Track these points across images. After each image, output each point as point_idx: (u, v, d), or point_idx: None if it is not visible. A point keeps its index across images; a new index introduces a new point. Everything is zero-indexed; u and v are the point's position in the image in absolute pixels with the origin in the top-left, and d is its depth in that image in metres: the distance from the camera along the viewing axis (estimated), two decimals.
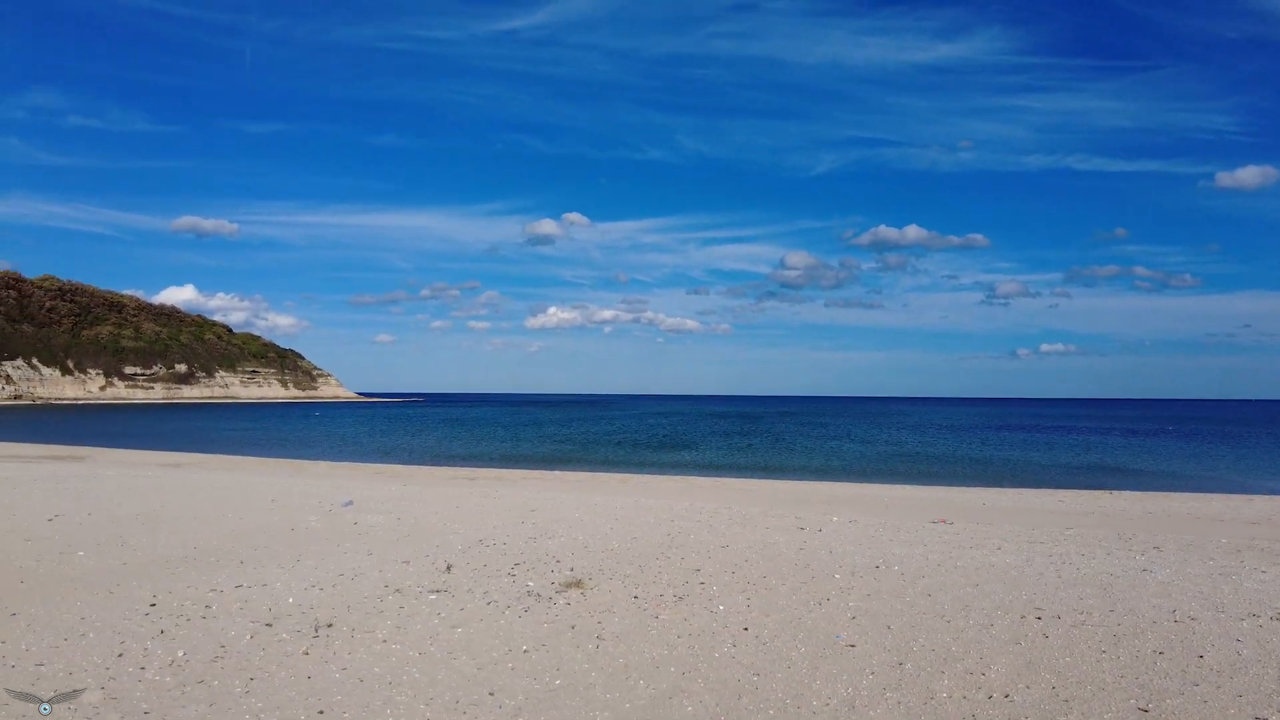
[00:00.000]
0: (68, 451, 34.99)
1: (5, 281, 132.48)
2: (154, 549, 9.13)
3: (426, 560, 8.63)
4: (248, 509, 12.56)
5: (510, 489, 18.12)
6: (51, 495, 14.02)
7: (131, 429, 62.32)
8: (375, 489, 16.72)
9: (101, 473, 19.85)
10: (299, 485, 17.13)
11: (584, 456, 38.92)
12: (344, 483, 19.05)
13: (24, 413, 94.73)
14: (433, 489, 16.96)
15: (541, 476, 26.42)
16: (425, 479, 23.81)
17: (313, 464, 31.96)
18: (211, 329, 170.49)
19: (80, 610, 6.47)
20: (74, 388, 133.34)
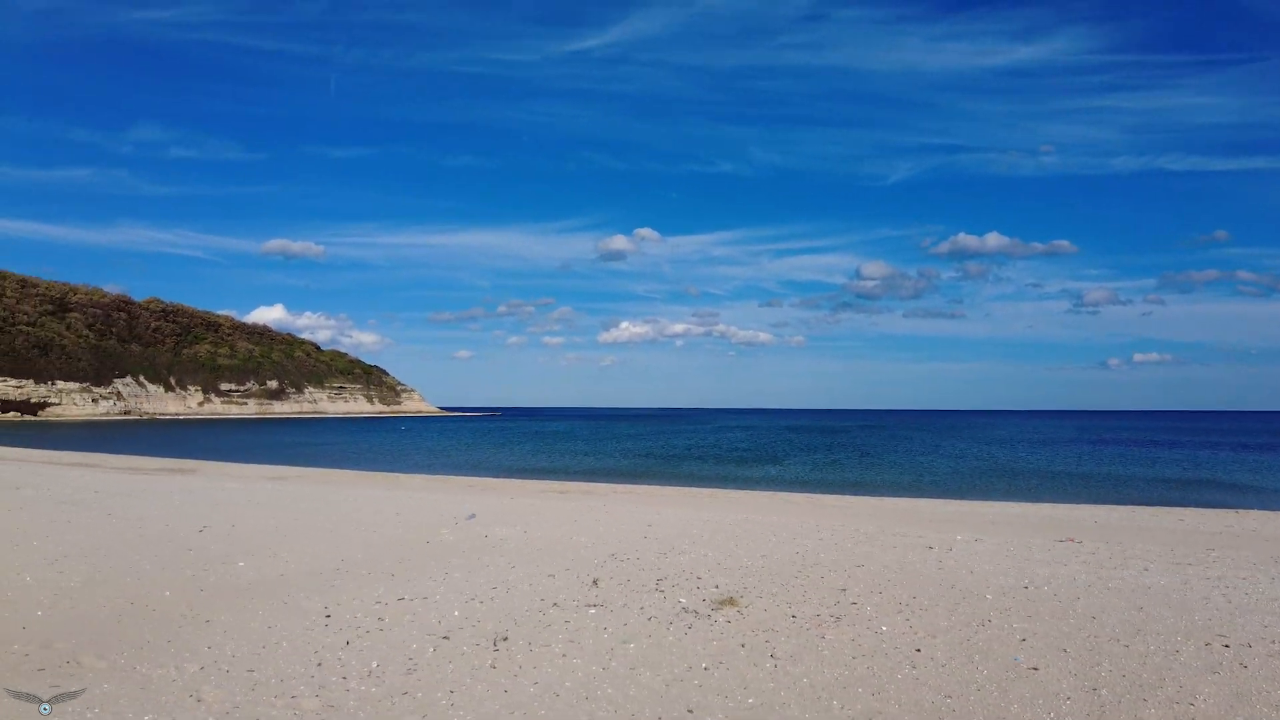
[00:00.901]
0: (179, 464, 36.68)
1: (117, 304, 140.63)
2: (304, 560, 9.51)
3: (569, 574, 8.75)
4: (377, 522, 12.98)
5: (618, 503, 18.23)
6: (189, 506, 14.76)
7: (231, 443, 65.03)
8: (487, 502, 17.05)
9: (224, 485, 20.78)
10: (417, 499, 17.60)
11: (670, 470, 38.89)
12: (449, 496, 19.49)
13: (133, 427, 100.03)
14: (546, 503, 17.20)
15: (632, 490, 26.50)
16: (518, 491, 24.15)
17: (409, 477, 32.74)
18: (301, 347, 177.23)
19: (264, 619, 6.79)
20: (175, 403, 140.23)
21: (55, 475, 22.06)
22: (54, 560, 9.19)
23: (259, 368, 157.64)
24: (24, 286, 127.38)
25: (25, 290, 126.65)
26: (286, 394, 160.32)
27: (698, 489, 28.52)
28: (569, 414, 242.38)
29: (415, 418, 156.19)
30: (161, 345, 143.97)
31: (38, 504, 14.63)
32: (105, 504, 14.94)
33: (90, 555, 9.55)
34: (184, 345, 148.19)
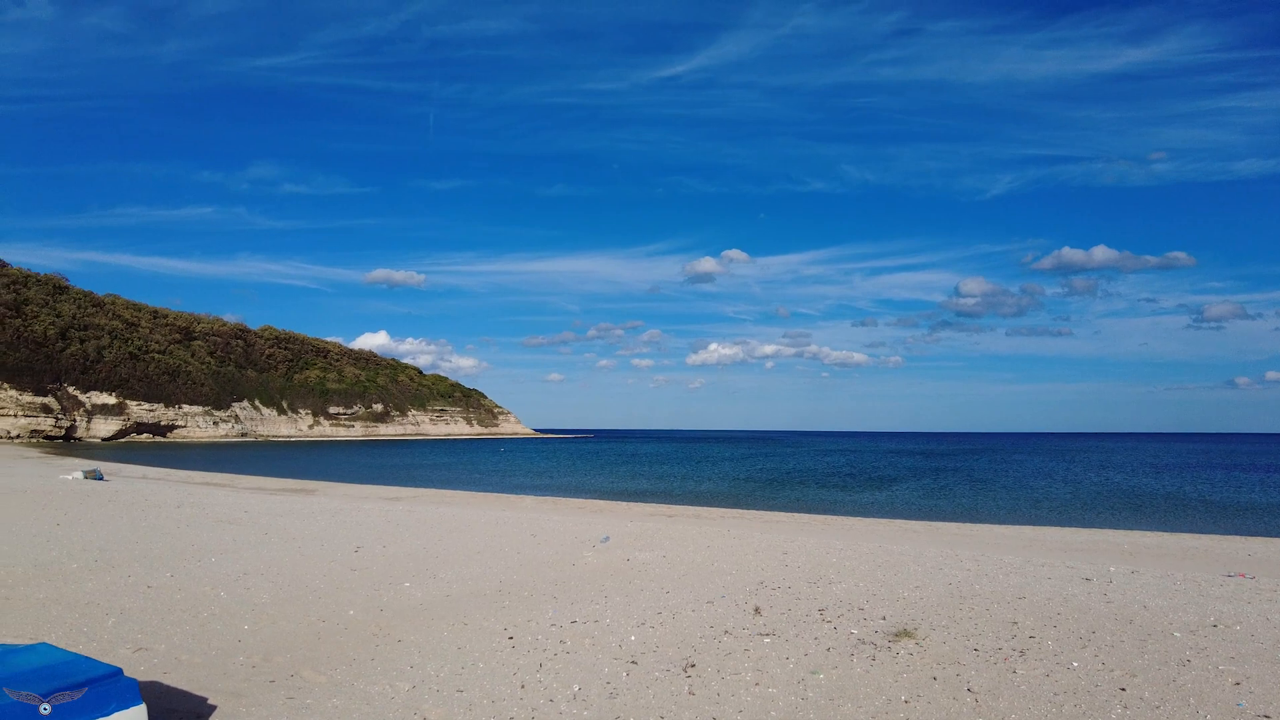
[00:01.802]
0: (300, 485, 38.47)
1: (235, 332, 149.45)
2: (464, 582, 9.85)
3: (726, 601, 8.77)
4: (517, 544, 13.31)
5: (740, 530, 18.13)
6: (335, 527, 15.48)
7: (341, 464, 67.74)
8: (609, 525, 17.24)
9: (360, 506, 21.67)
10: (548, 522, 17.95)
11: (774, 496, 38.43)
12: (571, 518, 19.81)
13: (250, 448, 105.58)
14: (669, 527, 17.27)
15: (742, 516, 26.31)
16: (627, 514, 24.32)
17: (520, 498, 33.41)
18: (404, 371, 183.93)
19: (451, 640, 7.07)
20: (288, 426, 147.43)
21: (203, 495, 23.49)
22: (237, 577, 9.81)
23: (365, 392, 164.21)
24: (156, 317, 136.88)
25: (157, 321, 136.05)
26: (391, 417, 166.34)
27: (808, 515, 28.06)
28: (659, 436, 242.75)
29: (512, 439, 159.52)
30: (275, 371, 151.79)
31: (201, 523, 15.63)
32: (259, 523, 15.84)
33: (267, 573, 10.14)
34: (296, 371, 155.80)
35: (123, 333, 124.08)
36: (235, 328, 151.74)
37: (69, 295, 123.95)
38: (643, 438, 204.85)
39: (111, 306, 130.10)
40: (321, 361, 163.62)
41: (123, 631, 7.13)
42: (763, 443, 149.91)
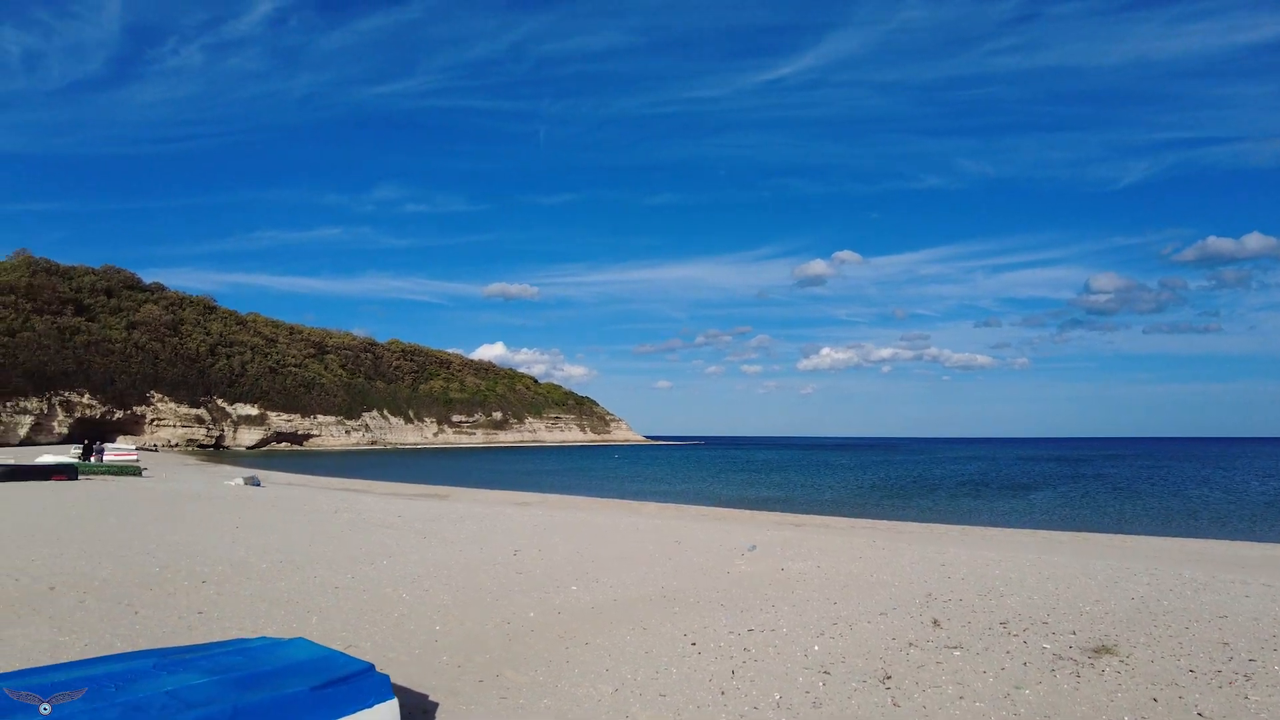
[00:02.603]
0: (434, 490, 40.01)
1: (364, 346, 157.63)
2: (628, 587, 10.00)
3: (898, 612, 8.57)
4: (665, 551, 13.43)
5: (882, 540, 17.70)
6: (488, 531, 16.03)
7: (468, 470, 70.07)
8: (745, 534, 17.15)
9: (497, 511, 22.39)
10: (682, 528, 18.06)
11: (904, 504, 37.20)
12: (704, 525, 19.80)
13: (380, 455, 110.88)
14: (816, 536, 17.06)
15: (873, 525, 25.57)
16: (751, 521, 24.15)
17: (642, 504, 33.69)
18: (520, 380, 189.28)
19: (635, 643, 7.20)
20: (414, 434, 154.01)
21: (353, 500, 24.83)
22: (413, 579, 10.31)
23: (485, 400, 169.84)
24: (292, 333, 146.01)
25: (293, 336, 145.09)
26: (509, 424, 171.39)
27: (944, 525, 27.02)
28: (771, 443, 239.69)
29: (624, 446, 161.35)
30: (402, 382, 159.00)
31: (361, 527, 16.53)
32: (414, 527, 16.60)
33: (438, 575, 10.62)
34: (420, 381, 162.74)
35: (263, 348, 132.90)
36: (364, 341, 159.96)
37: (217, 315, 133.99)
38: (754, 445, 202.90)
39: (253, 324, 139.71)
40: (444, 372, 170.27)
41: (328, 629, 7.61)
42: (881, 450, 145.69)
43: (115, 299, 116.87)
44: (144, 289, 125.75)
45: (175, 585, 9.62)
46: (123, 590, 9.29)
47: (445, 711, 5.38)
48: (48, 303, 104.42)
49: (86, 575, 10.15)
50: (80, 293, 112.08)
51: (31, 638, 7.10)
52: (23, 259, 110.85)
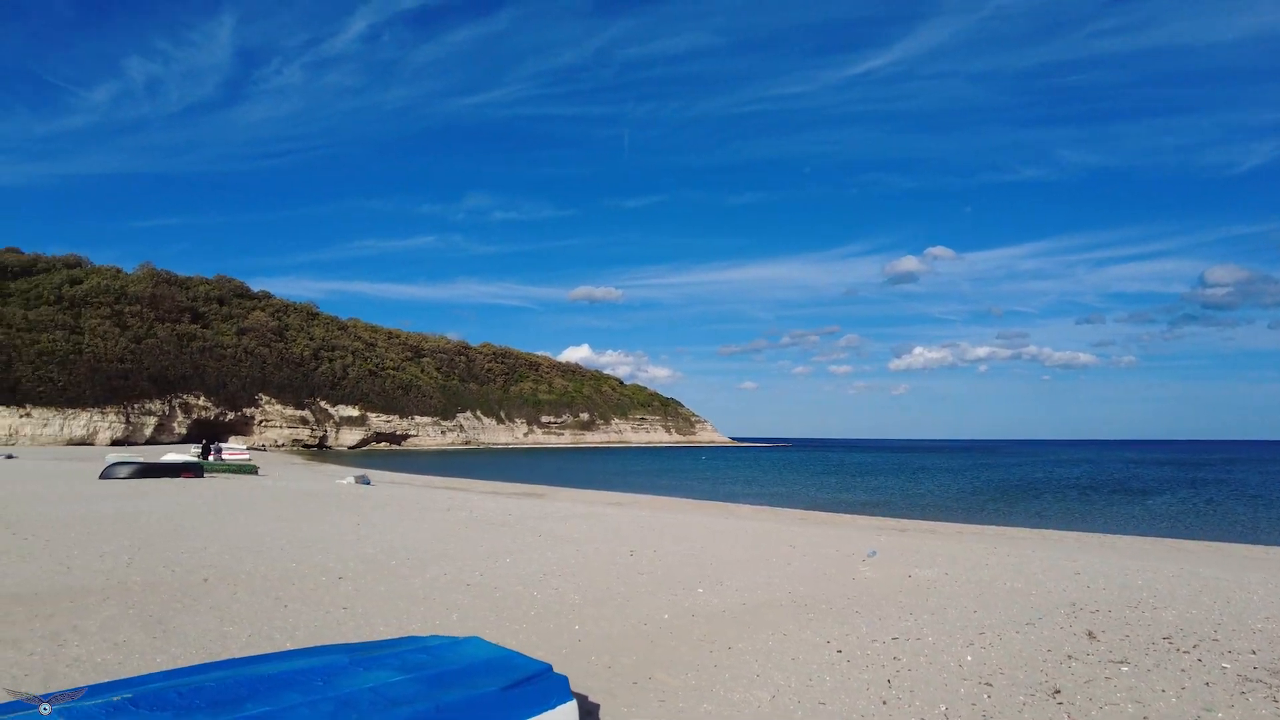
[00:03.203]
0: (530, 489, 40.63)
1: (458, 350, 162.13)
2: (752, 590, 9.88)
3: (1046, 623, 8.17)
4: (782, 553, 13.23)
5: (1007, 546, 17.01)
6: (600, 531, 16.13)
7: (559, 470, 70.95)
8: (850, 538, 16.75)
9: (600, 511, 22.54)
10: (791, 531, 17.80)
11: (1011, 508, 35.77)
12: (806, 529, 19.45)
13: (474, 455, 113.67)
14: (929, 541, 16.55)
15: (980, 531, 24.63)
16: (853, 525, 23.52)
17: (737, 506, 33.38)
18: (606, 382, 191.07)
19: (779, 648, 7.08)
20: (505, 434, 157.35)
21: (461, 499, 25.45)
22: (539, 578, 10.44)
23: (573, 402, 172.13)
24: (390, 338, 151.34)
25: (391, 340, 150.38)
26: (596, 425, 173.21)
27: (1058, 531, 25.80)
28: (861, 445, 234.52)
29: (711, 447, 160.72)
30: (493, 384, 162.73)
31: (474, 525, 16.89)
32: (526, 525, 16.86)
33: (563, 574, 10.72)
34: (511, 383, 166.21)
35: (363, 352, 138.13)
36: (458, 345, 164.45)
37: (320, 320, 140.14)
38: (844, 447, 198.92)
39: (353, 329, 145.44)
40: (533, 374, 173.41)
41: (470, 626, 7.76)
42: (978, 452, 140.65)
43: (227, 307, 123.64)
44: (253, 297, 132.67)
45: (315, 581, 10.00)
46: (268, 584, 9.72)
47: (607, 713, 5.39)
48: (168, 311, 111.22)
49: (232, 569, 10.67)
50: (196, 301, 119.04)
51: (200, 627, 7.48)
52: (146, 271, 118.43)
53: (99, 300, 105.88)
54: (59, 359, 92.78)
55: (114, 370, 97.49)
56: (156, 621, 7.65)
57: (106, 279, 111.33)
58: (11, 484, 24.63)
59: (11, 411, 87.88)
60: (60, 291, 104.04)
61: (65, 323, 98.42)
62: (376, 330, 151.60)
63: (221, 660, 4.44)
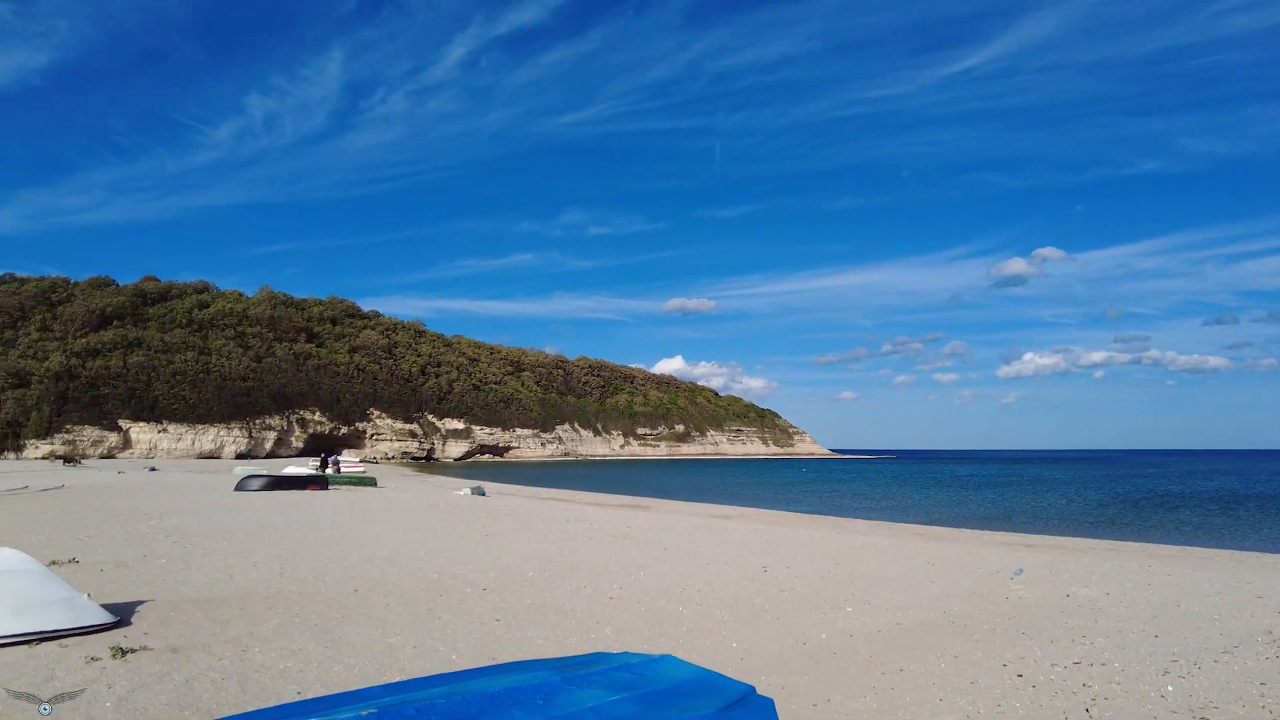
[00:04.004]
0: (634, 501, 40.64)
1: (555, 363, 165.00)
2: (904, 609, 9.48)
3: (1244, 651, 7.51)
4: (925, 571, 12.73)
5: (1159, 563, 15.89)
6: (721, 544, 15.93)
7: (661, 481, 70.90)
8: (980, 555, 15.96)
9: (711, 524, 22.31)
10: (918, 547, 17.16)
11: (1145, 524, 33.53)
12: (928, 545, 18.69)
13: (572, 466, 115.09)
14: (1073, 560, 15.64)
15: (1117, 547, 23.10)
16: (975, 540, 22.41)
17: (849, 521, 32.49)
18: (701, 393, 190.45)
19: (953, 672, 6.73)
20: (602, 446, 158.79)
21: (577, 511, 25.68)
22: (679, 592, 10.32)
23: (668, 413, 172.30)
24: (492, 353, 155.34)
25: (493, 356, 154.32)
26: (692, 437, 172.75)
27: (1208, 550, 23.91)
28: (970, 456, 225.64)
29: (810, 459, 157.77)
30: (590, 396, 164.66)
31: (597, 537, 16.96)
32: (648, 538, 16.81)
33: (701, 588, 10.57)
34: (607, 395, 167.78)
35: (467, 367, 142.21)
36: (555, 359, 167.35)
37: (426, 338, 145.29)
38: (951, 458, 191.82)
39: (458, 345, 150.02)
40: (628, 386, 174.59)
41: (625, 640, 7.70)
42: (1098, 463, 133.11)
43: (339, 326, 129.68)
44: (363, 316, 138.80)
45: (460, 592, 10.17)
46: (415, 595, 9.94)
47: None
48: (286, 331, 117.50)
49: (378, 580, 10.98)
50: (311, 321, 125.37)
51: (365, 637, 7.68)
52: (266, 294, 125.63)
53: (224, 323, 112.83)
54: (190, 378, 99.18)
55: (238, 388, 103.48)
56: (322, 630, 7.90)
57: (230, 302, 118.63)
58: (164, 496, 26.32)
59: (151, 427, 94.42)
60: (191, 315, 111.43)
61: (195, 344, 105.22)
62: (479, 346, 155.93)
63: (432, 676, 4.48)
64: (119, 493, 27.67)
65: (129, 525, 16.98)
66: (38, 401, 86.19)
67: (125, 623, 7.89)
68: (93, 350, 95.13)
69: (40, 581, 7.62)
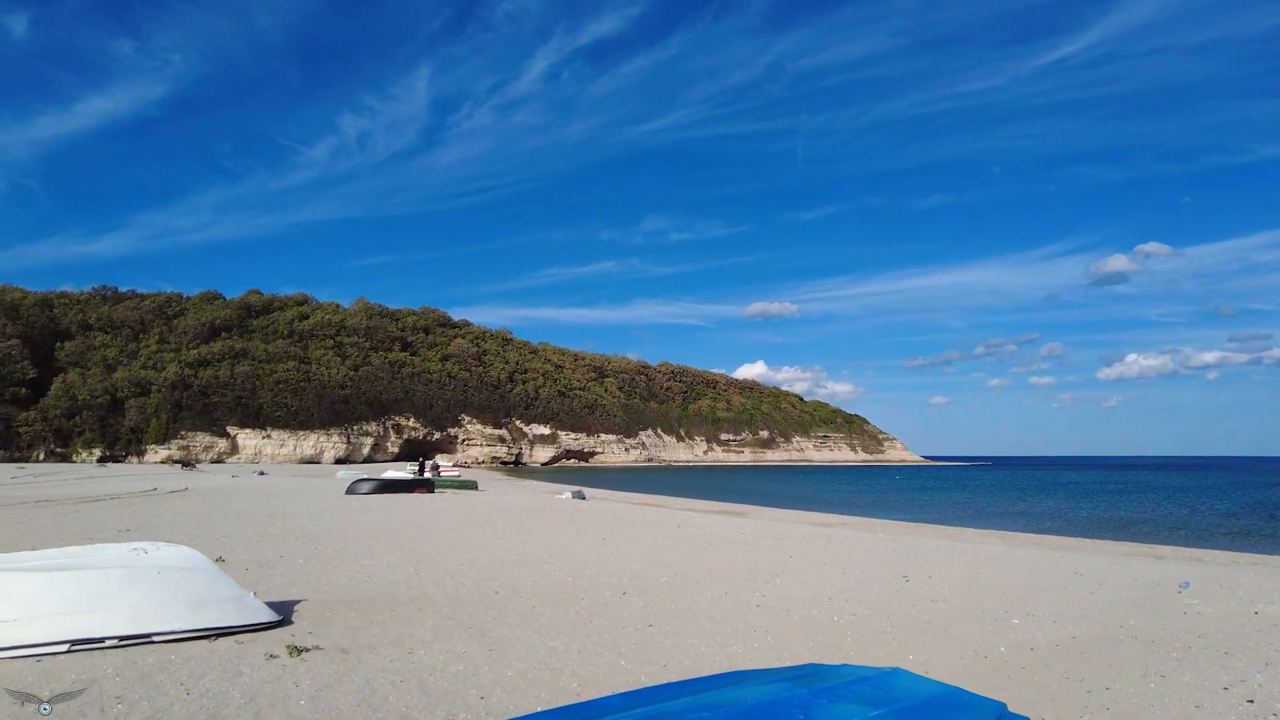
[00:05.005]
0: (729, 508, 40.07)
1: (638, 369, 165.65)
2: (1075, 623, 8.88)
3: None
4: (1071, 580, 11.97)
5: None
6: (841, 553, 15.40)
7: (749, 488, 69.88)
8: (1151, 568, 14.93)
9: (815, 531, 21.72)
10: (1059, 558, 16.26)
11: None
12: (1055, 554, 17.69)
13: (657, 472, 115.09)
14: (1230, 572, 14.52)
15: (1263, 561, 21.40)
16: (1097, 550, 21.11)
17: (958, 530, 31.21)
18: (786, 398, 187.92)
19: (1168, 693, 6.18)
20: (685, 452, 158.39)
21: (680, 517, 25.44)
22: (825, 601, 9.92)
23: (751, 419, 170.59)
24: (576, 360, 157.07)
25: (577, 363, 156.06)
26: (776, 443, 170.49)
27: None
28: (1071, 463, 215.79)
29: (901, 466, 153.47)
30: (672, 402, 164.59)
31: (712, 542, 16.64)
32: (765, 545, 16.42)
33: (848, 599, 10.14)
34: (690, 401, 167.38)
35: (552, 374, 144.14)
36: (638, 365, 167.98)
37: (513, 345, 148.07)
38: (1051, 465, 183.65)
39: (543, 353, 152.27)
40: (711, 392, 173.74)
41: (796, 650, 7.39)
42: (1215, 470, 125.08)
43: (431, 335, 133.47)
44: (454, 325, 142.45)
45: (600, 595, 10.03)
46: (556, 597, 9.83)
47: None
48: (381, 341, 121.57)
49: (513, 581, 10.94)
50: (405, 331, 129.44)
51: (524, 641, 7.57)
52: (362, 306, 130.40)
53: (323, 333, 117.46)
54: (292, 387, 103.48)
55: (336, 395, 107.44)
56: (479, 633, 7.83)
57: (329, 314, 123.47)
58: (279, 499, 27.30)
59: (256, 433, 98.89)
60: (292, 326, 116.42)
61: (296, 354, 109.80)
62: (564, 353, 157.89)
63: (657, 687, 4.28)
64: (237, 495, 28.84)
65: (257, 526, 17.55)
66: (156, 409, 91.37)
67: (287, 621, 8.00)
68: (204, 361, 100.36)
69: (213, 579, 7.80)
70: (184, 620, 7.22)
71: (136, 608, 7.07)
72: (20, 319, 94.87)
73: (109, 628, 6.85)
